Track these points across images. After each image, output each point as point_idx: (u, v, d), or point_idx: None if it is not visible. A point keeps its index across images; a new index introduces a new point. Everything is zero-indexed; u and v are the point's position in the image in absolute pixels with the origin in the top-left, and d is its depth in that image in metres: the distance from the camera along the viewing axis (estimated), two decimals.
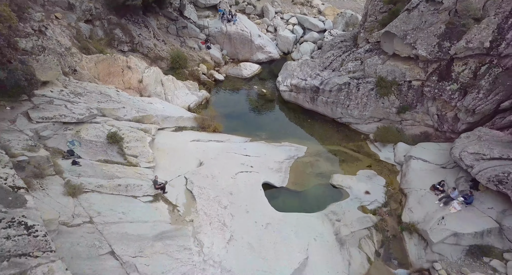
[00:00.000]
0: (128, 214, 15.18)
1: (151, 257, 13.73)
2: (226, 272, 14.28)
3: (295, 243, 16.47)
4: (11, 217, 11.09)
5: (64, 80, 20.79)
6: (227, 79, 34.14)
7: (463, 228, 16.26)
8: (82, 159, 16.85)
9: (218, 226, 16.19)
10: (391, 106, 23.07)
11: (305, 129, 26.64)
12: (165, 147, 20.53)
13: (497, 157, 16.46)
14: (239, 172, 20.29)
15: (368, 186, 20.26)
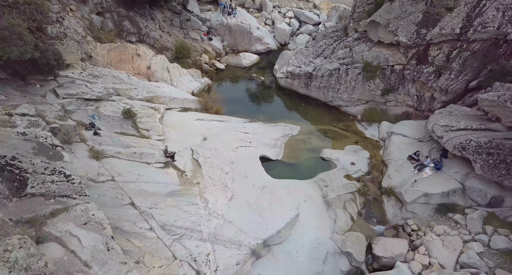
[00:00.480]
0: (143, 176, 17.64)
1: (164, 209, 16.20)
2: (228, 223, 16.76)
3: (287, 203, 18.95)
4: (53, 167, 13.57)
5: (82, 65, 23.20)
6: (227, 68, 36.52)
7: (433, 189, 18.74)
8: (102, 131, 19.28)
9: (221, 188, 18.66)
10: (376, 89, 25.50)
11: (299, 112, 29.07)
12: (173, 123, 22.97)
13: (462, 128, 18.89)
14: (239, 147, 22.71)
15: (353, 158, 22.73)
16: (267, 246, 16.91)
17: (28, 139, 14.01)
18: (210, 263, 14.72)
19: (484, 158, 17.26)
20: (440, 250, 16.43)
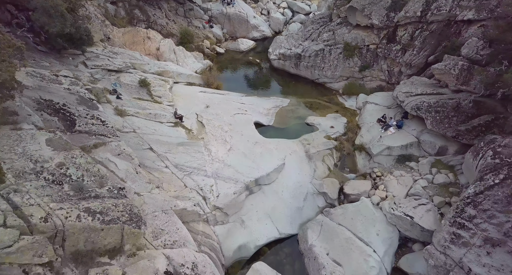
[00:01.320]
0: (158, 131, 21.60)
1: (176, 154, 20.20)
2: (227, 166, 20.78)
3: (276, 154, 22.94)
4: (92, 114, 17.56)
5: (102, 44, 27.06)
6: (227, 52, 40.33)
7: (394, 143, 22.77)
8: (122, 95, 23.19)
9: (221, 142, 22.64)
10: (355, 66, 29.43)
11: (289, 88, 32.98)
12: (180, 94, 26.88)
13: (419, 93, 22.83)
14: (236, 114, 26.65)
15: (333, 123, 26.69)
16: (258, 185, 20.95)
17: (72, 93, 17.98)
18: (213, 191, 18.78)
19: (433, 115, 21.24)
20: (395, 187, 20.50)
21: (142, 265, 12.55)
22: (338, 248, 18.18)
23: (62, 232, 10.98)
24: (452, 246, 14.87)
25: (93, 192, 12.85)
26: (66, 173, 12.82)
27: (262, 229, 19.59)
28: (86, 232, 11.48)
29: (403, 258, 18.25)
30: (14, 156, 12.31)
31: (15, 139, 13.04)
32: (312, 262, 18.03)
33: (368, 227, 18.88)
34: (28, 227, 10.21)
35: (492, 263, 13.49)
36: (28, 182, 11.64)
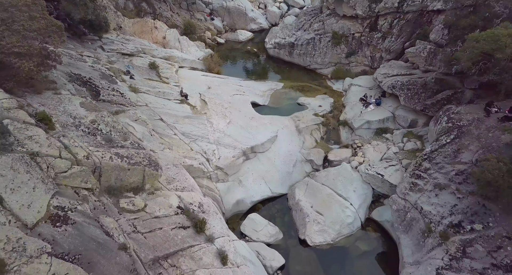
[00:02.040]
0: (167, 106, 24.72)
1: (182, 125, 23.33)
2: (227, 135, 23.92)
3: (270, 128, 26.08)
4: (112, 87, 20.70)
5: (115, 32, 30.09)
6: (226, 43, 43.35)
7: (373, 118, 25.91)
8: (135, 76, 26.27)
9: (222, 116, 25.76)
10: (342, 53, 32.50)
11: (283, 74, 36.03)
12: (185, 76, 29.95)
13: (395, 74, 25.94)
14: (235, 94, 29.75)
15: (321, 103, 29.79)
16: (254, 152, 24.12)
17: (95, 70, 21.10)
18: (215, 154, 21.96)
19: (406, 92, 24.35)
20: (371, 153, 23.67)
21: (159, 201, 15.75)
22: (320, 202, 21.38)
23: (99, 168, 14.14)
24: (410, 193, 18.07)
25: (119, 143, 16.00)
26: (98, 128, 15.97)
27: (257, 188, 22.81)
28: (116, 170, 14.64)
29: (375, 210, 21.46)
30: (58, 113, 15.44)
31: (57, 100, 16.17)
32: (298, 213, 21.25)
33: (347, 185, 22.08)
34: (76, 161, 13.37)
35: (438, 202, 16.69)
36: (71, 132, 14.78)
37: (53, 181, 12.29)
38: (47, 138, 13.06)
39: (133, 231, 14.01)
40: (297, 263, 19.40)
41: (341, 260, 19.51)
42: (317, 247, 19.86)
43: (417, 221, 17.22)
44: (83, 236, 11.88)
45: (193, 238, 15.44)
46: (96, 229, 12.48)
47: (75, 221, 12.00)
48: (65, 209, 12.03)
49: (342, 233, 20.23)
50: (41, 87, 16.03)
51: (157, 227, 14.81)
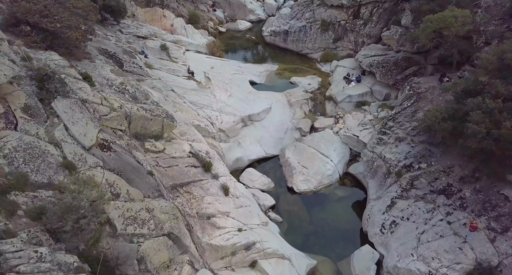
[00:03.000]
0: (176, 80, 28.57)
1: (190, 95, 27.20)
2: (228, 105, 27.81)
3: (265, 101, 29.96)
4: (133, 61, 24.52)
5: (130, 19, 33.85)
6: (227, 32, 47.05)
7: (353, 92, 29.80)
8: (149, 55, 30.07)
9: (224, 90, 29.62)
10: (329, 39, 36.32)
11: (278, 59, 39.82)
12: (191, 58, 33.75)
13: (373, 55, 29.80)
14: (235, 73, 33.56)
15: (310, 81, 33.65)
16: (251, 120, 28.06)
17: (118, 46, 24.92)
18: (218, 119, 25.89)
19: (381, 69, 28.24)
20: (350, 121, 27.62)
21: (175, 146, 19.70)
22: (305, 158, 25.34)
23: (129, 116, 18.03)
24: (377, 146, 22.03)
25: (142, 101, 19.89)
26: (125, 88, 19.85)
27: (253, 149, 26.77)
28: (142, 120, 18.54)
29: (352, 166, 25.44)
30: (95, 75, 19.29)
31: (93, 67, 20.03)
32: (287, 168, 25.23)
33: (328, 146, 26.04)
34: (112, 109, 17.25)
35: (397, 151, 20.65)
36: (106, 89, 18.66)
37: (98, 121, 16.21)
38: (91, 90, 16.96)
39: (156, 165, 17.97)
40: (285, 204, 23.44)
41: (321, 203, 23.53)
42: (302, 193, 23.89)
43: (381, 167, 21.19)
44: (122, 160, 15.83)
45: (202, 175, 19.43)
46: (130, 158, 16.45)
47: (116, 150, 15.95)
48: (108, 141, 15.95)
49: (323, 182, 24.25)
50: (80, 56, 19.86)
51: (174, 164, 18.78)
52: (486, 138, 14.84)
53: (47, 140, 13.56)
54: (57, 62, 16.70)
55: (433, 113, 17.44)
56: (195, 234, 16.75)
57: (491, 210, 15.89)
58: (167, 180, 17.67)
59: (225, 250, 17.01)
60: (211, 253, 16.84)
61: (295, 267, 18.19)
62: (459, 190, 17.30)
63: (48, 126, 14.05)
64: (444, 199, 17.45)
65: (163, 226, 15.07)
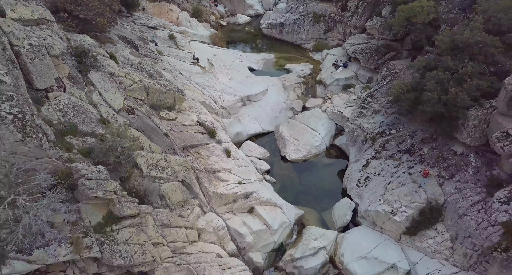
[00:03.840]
0: (183, 65, 31.94)
1: (196, 78, 30.59)
2: (229, 87, 31.20)
3: (262, 84, 33.32)
4: (146, 46, 27.91)
5: (141, 12, 37.13)
6: (228, 25, 50.31)
7: (340, 76, 33.19)
8: (158, 44, 33.39)
9: (225, 74, 33.00)
10: (321, 30, 39.66)
11: (275, 49, 43.11)
12: (196, 47, 37.10)
13: (358, 43, 33.14)
14: (235, 61, 36.91)
15: (303, 68, 37.00)
16: (249, 101, 31.47)
17: (133, 34, 28.28)
18: (221, 98, 29.30)
19: (364, 55, 31.61)
20: (337, 100, 31.03)
21: (185, 116, 23.13)
22: (297, 132, 28.76)
23: (147, 89, 21.42)
24: (357, 118, 25.43)
25: (157, 78, 23.29)
26: (143, 67, 23.24)
27: (251, 125, 30.18)
28: (157, 92, 21.93)
29: (337, 138, 28.88)
30: (117, 55, 22.62)
31: (115, 49, 23.37)
32: (281, 140, 28.66)
33: (317, 121, 29.47)
34: (134, 82, 20.63)
35: (373, 121, 24.08)
36: (127, 66, 22.04)
37: (123, 91, 19.62)
38: (117, 66, 20.36)
39: (170, 130, 21.41)
40: (279, 169, 26.92)
41: (309, 169, 27.00)
42: (293, 161, 27.35)
43: (360, 135, 24.61)
44: (143, 122, 19.28)
45: (208, 140, 22.89)
46: (150, 121, 19.89)
47: (138, 114, 19.40)
48: (131, 107, 19.38)
49: (311, 152, 27.70)
50: (104, 40, 23.20)
51: (185, 130, 22.24)
52: (438, 103, 18.23)
53: (87, 102, 16.99)
54: (89, 43, 20.09)
55: (400, 86, 20.85)
56: (203, 185, 20.21)
57: (442, 162, 19.34)
58: (179, 142, 21.13)
59: (227, 198, 20.48)
60: (216, 200, 20.30)
61: (285, 214, 21.67)
62: (420, 149, 20.75)
63: (87, 92, 17.47)
64: (407, 156, 20.91)
65: (177, 175, 18.48)
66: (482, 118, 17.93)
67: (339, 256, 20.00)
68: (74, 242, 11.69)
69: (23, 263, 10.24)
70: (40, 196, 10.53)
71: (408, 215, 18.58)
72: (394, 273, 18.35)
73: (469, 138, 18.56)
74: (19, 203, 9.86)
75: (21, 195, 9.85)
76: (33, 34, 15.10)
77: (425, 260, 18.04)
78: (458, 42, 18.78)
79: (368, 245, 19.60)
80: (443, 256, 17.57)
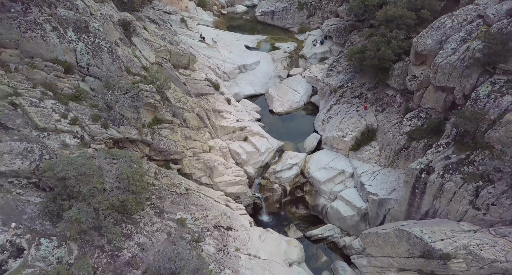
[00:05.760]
0: (192, 42, 39.11)
1: (202, 50, 37.81)
2: (229, 58, 38.45)
3: (255, 57, 40.58)
4: (165, 25, 35.07)
5: (157, 1, 44.13)
6: (228, 14, 57.22)
7: (318, 51, 40.43)
8: (172, 25, 40.43)
9: (226, 49, 40.23)
10: (304, 15, 46.78)
11: (267, 32, 50.20)
12: (202, 29, 44.19)
13: (331, 24, 40.30)
14: (234, 40, 44.07)
15: (289, 45, 44.21)
16: (245, 69, 38.79)
17: (155, 15, 35.41)
18: (222, 65, 36.58)
19: (336, 33, 38.81)
20: (314, 69, 38.32)
21: (196, 74, 30.47)
22: (282, 92, 36.14)
23: (170, 52, 28.66)
24: (326, 78, 32.75)
25: (175, 45, 30.51)
26: (166, 38, 30.43)
27: (246, 88, 37.52)
28: (177, 55, 29.20)
29: (313, 97, 36.26)
30: (147, 28, 29.80)
31: (145, 24, 30.52)
32: (269, 99, 36.04)
33: (297, 84, 36.84)
34: (161, 46, 27.84)
35: (337, 79, 31.42)
36: (155, 36, 29.20)
37: (154, 51, 26.88)
38: (149, 34, 27.58)
39: (186, 82, 28.74)
40: (267, 119, 34.37)
41: (291, 118, 34.46)
42: (278, 113, 34.75)
43: (327, 89, 31.96)
44: (169, 73, 26.60)
45: (213, 91, 30.25)
46: (173, 73, 27.21)
47: (165, 67, 26.71)
48: (160, 62, 26.66)
49: (292, 106, 35.11)
50: (137, 18, 30.35)
51: (197, 82, 29.59)
52: (374, 58, 25.54)
53: (133, 55, 24.28)
54: (129, 17, 27.26)
55: (352, 49, 28.17)
56: (211, 119, 27.61)
57: (379, 101, 26.75)
58: (193, 90, 28.48)
59: (228, 129, 27.90)
60: (220, 130, 27.72)
61: (270, 143, 29.12)
62: (366, 94, 28.16)
63: (132, 49, 24.75)
64: (357, 100, 28.33)
65: (193, 109, 25.86)
66: (403, 68, 25.28)
67: (307, 169, 27.55)
68: (138, 128, 19.07)
69: (115, 132, 17.59)
70: (122, 94, 17.93)
71: (353, 136, 26.09)
72: (343, 175, 25.93)
73: (396, 83, 25.92)
74: (114, 95, 17.26)
75: (116, 91, 17.25)
76: (101, 8, 22.32)
77: (362, 165, 25.58)
78: (389, 16, 26.00)
79: (327, 159, 27.17)
80: (374, 161, 25.11)
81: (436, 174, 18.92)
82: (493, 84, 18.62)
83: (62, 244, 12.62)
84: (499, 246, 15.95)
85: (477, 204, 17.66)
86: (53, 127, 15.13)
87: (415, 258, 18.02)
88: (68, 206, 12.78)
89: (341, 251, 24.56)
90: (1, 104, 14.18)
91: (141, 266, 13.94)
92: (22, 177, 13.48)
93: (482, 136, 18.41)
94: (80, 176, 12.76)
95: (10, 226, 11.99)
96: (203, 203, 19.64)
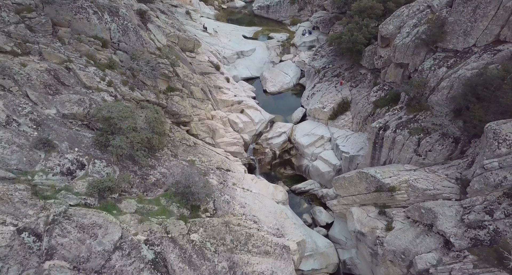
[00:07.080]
0: (196, 32, 43.59)
1: (205, 38, 42.34)
2: (228, 45, 42.98)
3: (251, 44, 45.15)
4: (173, 16, 39.55)
5: None
6: (227, 8, 61.63)
7: (307, 40, 44.97)
8: (179, 17, 44.86)
9: (225, 37, 44.74)
10: (295, 9, 51.20)
11: (262, 24, 54.67)
12: (204, 20, 48.63)
13: (319, 16, 44.76)
14: (232, 30, 48.57)
15: (282, 35, 48.75)
16: (243, 55, 43.35)
17: (164, 7, 39.86)
18: (223, 51, 41.14)
19: (322, 24, 43.34)
20: (303, 55, 42.94)
21: (200, 56, 35.06)
22: (274, 75, 40.81)
23: (178, 37, 33.20)
24: (312, 62, 37.39)
25: (183, 32, 35.04)
26: (174, 26, 34.94)
27: (244, 71, 42.16)
28: (184, 40, 33.75)
29: (301, 79, 40.91)
30: (160, 18, 34.29)
31: (156, 14, 35.00)
32: (264, 80, 40.71)
33: (288, 68, 41.47)
34: (170, 32, 32.38)
35: (320, 62, 36.04)
36: (165, 24, 33.71)
37: (166, 35, 31.42)
38: (161, 22, 32.10)
39: (192, 62, 33.34)
40: (261, 97, 39.07)
41: (282, 97, 39.17)
42: (271, 93, 39.42)
43: (312, 71, 36.62)
44: (178, 54, 31.17)
45: (215, 71, 34.86)
46: (181, 54, 31.79)
47: (175, 50, 31.30)
48: (170, 45, 31.23)
49: (283, 87, 39.79)
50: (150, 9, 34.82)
51: (201, 63, 34.20)
52: (348, 42, 30.16)
53: (148, 38, 28.83)
54: (145, 7, 31.74)
55: (332, 35, 32.78)
56: (213, 94, 32.27)
57: (353, 79, 31.45)
58: (198, 69, 33.10)
59: (228, 103, 32.56)
60: (221, 103, 32.40)
61: (263, 115, 33.82)
62: (343, 73, 32.87)
63: (147, 34, 29.30)
64: (336, 78, 33.03)
65: (198, 84, 30.51)
66: (372, 51, 29.92)
67: (293, 136, 32.33)
68: (156, 93, 23.71)
69: (139, 94, 22.25)
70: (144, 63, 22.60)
71: (331, 107, 30.84)
72: (322, 140, 30.73)
73: (367, 63, 30.58)
74: (138, 64, 21.91)
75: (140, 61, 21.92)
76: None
77: (338, 131, 30.37)
78: (361, 7, 30.61)
79: (309, 127, 31.96)
80: (347, 127, 29.90)
81: (390, 130, 23.70)
82: (435, 59, 23.31)
83: (109, 165, 17.36)
84: (430, 179, 20.75)
85: (419, 152, 22.46)
86: (96, 87, 19.79)
87: (371, 193, 22.82)
88: (112, 138, 17.49)
89: (319, 200, 29.46)
90: (60, 68, 18.82)
91: (163, 186, 18.71)
92: (77, 119, 18.17)
93: (426, 100, 23.15)
94: (120, 116, 17.46)
95: (74, 150, 16.70)
96: (208, 153, 24.41)
